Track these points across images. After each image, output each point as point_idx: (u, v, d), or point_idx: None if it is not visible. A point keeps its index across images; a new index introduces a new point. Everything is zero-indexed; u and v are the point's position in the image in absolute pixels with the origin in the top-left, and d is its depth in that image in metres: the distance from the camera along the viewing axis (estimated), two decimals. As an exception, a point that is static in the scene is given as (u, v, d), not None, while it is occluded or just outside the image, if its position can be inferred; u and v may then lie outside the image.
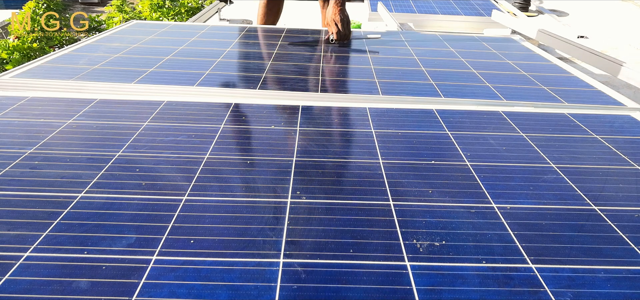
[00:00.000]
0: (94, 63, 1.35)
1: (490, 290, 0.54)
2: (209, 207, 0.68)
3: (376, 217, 0.67)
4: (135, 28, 1.85)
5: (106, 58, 1.41)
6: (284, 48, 1.63)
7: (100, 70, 1.29)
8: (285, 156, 0.85)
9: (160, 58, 1.42)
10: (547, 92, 1.26)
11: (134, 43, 1.59)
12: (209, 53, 1.51)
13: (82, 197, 0.70)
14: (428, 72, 1.41)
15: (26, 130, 0.92)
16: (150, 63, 1.36)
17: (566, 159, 0.88)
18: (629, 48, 2.62)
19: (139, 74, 1.26)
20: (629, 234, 0.65)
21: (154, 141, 0.89)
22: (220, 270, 0.56)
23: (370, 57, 1.56)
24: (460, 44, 1.82)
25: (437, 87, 1.26)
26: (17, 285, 0.52)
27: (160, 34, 1.76)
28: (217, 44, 1.63)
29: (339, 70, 1.43)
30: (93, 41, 1.62)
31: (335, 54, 1.59)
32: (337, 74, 1.38)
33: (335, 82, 1.29)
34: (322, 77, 1.31)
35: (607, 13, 3.97)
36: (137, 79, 1.21)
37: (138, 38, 1.67)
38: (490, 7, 3.44)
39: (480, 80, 1.34)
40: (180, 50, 1.52)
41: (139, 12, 5.05)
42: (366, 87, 1.23)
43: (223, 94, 1.17)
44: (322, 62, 1.47)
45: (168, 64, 1.37)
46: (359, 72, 1.40)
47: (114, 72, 1.27)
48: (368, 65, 1.47)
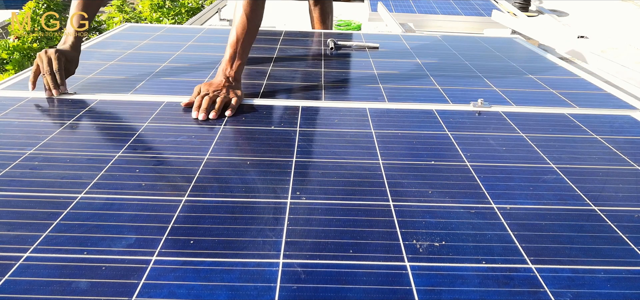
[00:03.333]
0: (89, 72, 1.30)
1: (490, 290, 0.54)
2: (209, 208, 0.68)
3: (376, 217, 0.67)
4: (130, 31, 1.81)
5: (101, 66, 1.36)
6: (284, 51, 1.62)
7: (95, 80, 1.23)
8: (285, 156, 0.85)
9: (157, 65, 1.38)
10: (557, 96, 1.26)
11: (129, 48, 1.55)
12: (207, 59, 1.47)
13: (82, 197, 0.70)
14: (433, 76, 1.40)
15: (26, 131, 0.92)
16: (146, 71, 1.32)
17: (566, 159, 0.88)
18: (629, 48, 2.62)
19: (136, 83, 1.22)
20: (628, 234, 0.65)
21: (154, 141, 0.89)
22: (219, 270, 0.56)
23: (372, 61, 1.55)
24: (462, 45, 1.82)
25: (444, 92, 1.26)
26: (16, 285, 0.52)
27: (155, 37, 1.72)
28: (214, 49, 1.60)
29: (342, 76, 1.42)
30: (86, 47, 1.55)
31: (337, 60, 1.59)
32: (339, 80, 1.37)
33: (337, 88, 1.28)
34: (325, 82, 1.30)
35: (607, 13, 3.97)
36: (134, 89, 1.17)
37: (133, 43, 1.63)
38: (490, 7, 3.44)
39: (487, 84, 1.34)
40: (177, 56, 1.49)
41: (139, 12, 5.05)
42: (371, 94, 1.21)
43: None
44: (323, 67, 1.46)
45: (165, 71, 1.33)
46: (361, 78, 1.40)
47: (109, 82, 1.22)
48: (371, 70, 1.47)
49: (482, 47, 1.79)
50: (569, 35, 2.47)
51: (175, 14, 4.70)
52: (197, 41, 1.70)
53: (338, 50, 1.66)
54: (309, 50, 1.67)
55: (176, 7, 4.78)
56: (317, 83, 1.29)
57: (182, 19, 4.67)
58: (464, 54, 1.67)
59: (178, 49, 1.58)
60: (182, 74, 1.32)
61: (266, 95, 1.18)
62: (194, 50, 1.58)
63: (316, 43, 1.77)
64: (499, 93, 1.24)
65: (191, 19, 3.00)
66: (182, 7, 4.79)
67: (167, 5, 4.74)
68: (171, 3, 4.80)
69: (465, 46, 1.79)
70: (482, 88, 1.28)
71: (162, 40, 1.69)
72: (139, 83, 1.22)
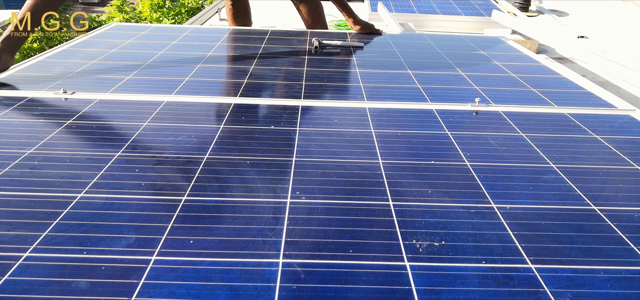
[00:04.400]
0: (70, 70, 1.29)
1: (489, 290, 0.54)
2: (209, 207, 0.68)
3: (376, 217, 0.67)
4: (115, 31, 1.80)
5: (82, 65, 1.35)
6: (268, 51, 1.60)
7: (75, 78, 1.22)
8: (285, 156, 0.85)
9: (139, 64, 1.37)
10: (537, 94, 1.26)
11: (113, 48, 1.55)
12: (189, 58, 1.46)
13: (82, 197, 0.70)
14: (414, 75, 1.40)
15: (26, 130, 0.92)
16: (128, 69, 1.31)
17: (566, 159, 0.88)
18: (629, 48, 2.62)
19: (116, 81, 1.21)
20: (628, 234, 0.65)
21: (154, 141, 0.89)
22: (219, 270, 0.56)
23: (355, 60, 1.54)
24: (447, 43, 1.81)
25: (424, 92, 1.25)
26: (16, 285, 0.52)
27: (140, 37, 1.71)
28: (198, 48, 1.59)
29: (323, 74, 1.41)
30: (69, 46, 1.55)
31: (319, 58, 1.58)
32: (320, 78, 1.37)
33: (317, 87, 1.27)
34: (307, 81, 1.29)
35: (607, 13, 3.97)
36: (113, 88, 1.16)
37: (117, 43, 1.62)
38: (490, 7, 3.44)
39: (468, 83, 1.34)
40: (160, 55, 1.47)
41: (139, 12, 5.05)
42: (351, 93, 1.21)
43: (222, 94, 1.16)
44: (305, 66, 1.44)
45: (145, 71, 1.32)
46: (342, 77, 1.39)
47: (89, 81, 1.21)
48: (354, 69, 1.47)
49: (468, 46, 1.79)
50: (569, 35, 2.47)
51: (175, 14, 4.70)
52: (182, 40, 1.69)
53: (323, 50, 1.66)
54: (294, 49, 1.66)
55: (176, 7, 4.77)
56: (299, 81, 1.28)
57: (182, 19, 4.67)
58: (448, 52, 1.66)
59: (163, 48, 1.57)
60: (164, 73, 1.32)
61: (246, 94, 1.17)
62: (178, 49, 1.57)
63: (301, 42, 1.76)
64: (479, 91, 1.24)
65: (191, 19, 3.00)
66: (182, 7, 4.79)
67: (167, 5, 4.74)
68: (171, 3, 4.80)
69: (451, 45, 1.78)
70: (463, 86, 1.28)
71: (147, 40, 1.68)
72: (120, 81, 1.22)
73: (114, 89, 1.16)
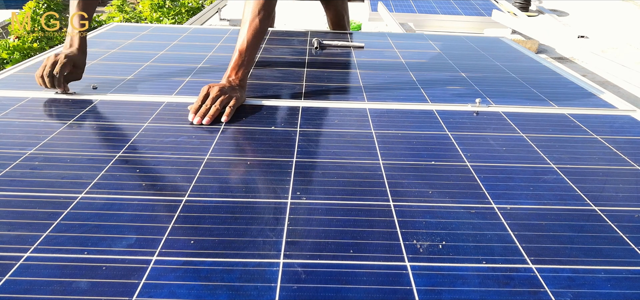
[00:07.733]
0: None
1: (490, 290, 0.54)
2: (209, 207, 0.68)
3: (376, 217, 0.67)
4: (115, 31, 1.79)
5: None
6: (268, 51, 1.60)
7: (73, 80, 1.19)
8: (286, 156, 0.85)
9: (139, 64, 1.37)
10: (537, 94, 1.26)
11: (113, 48, 1.55)
12: (189, 58, 1.46)
13: (83, 197, 0.70)
14: (414, 75, 1.40)
15: (26, 131, 0.92)
16: (128, 70, 1.31)
17: (566, 159, 0.88)
18: (629, 48, 2.62)
19: (116, 82, 1.21)
20: (629, 234, 0.65)
21: (154, 142, 0.89)
22: (220, 270, 0.56)
23: (356, 60, 1.54)
24: (448, 44, 1.81)
25: (424, 92, 1.26)
26: (17, 285, 0.52)
27: (140, 37, 1.71)
28: (198, 48, 1.58)
29: (324, 75, 1.42)
30: None
31: (320, 59, 1.58)
32: (321, 79, 1.37)
33: (318, 87, 1.27)
34: (307, 82, 1.29)
35: (607, 13, 3.97)
36: (114, 89, 1.16)
37: (117, 43, 1.61)
38: (490, 7, 3.44)
39: (468, 83, 1.34)
40: (161, 56, 1.47)
41: (139, 12, 5.05)
42: (351, 93, 1.21)
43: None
44: (306, 66, 1.44)
45: (146, 71, 1.31)
46: (342, 77, 1.40)
47: (89, 81, 1.20)
48: (354, 69, 1.47)
49: (468, 46, 1.79)
50: (569, 35, 2.47)
51: (175, 14, 4.70)
52: (183, 40, 1.69)
53: (323, 50, 1.66)
54: (294, 49, 1.66)
55: (176, 7, 4.77)
56: (299, 82, 1.28)
57: (182, 19, 4.67)
58: (448, 53, 1.66)
59: (163, 48, 1.57)
60: (164, 74, 1.32)
61: (246, 94, 1.17)
62: (178, 50, 1.56)
63: (301, 43, 1.76)
64: (480, 92, 1.24)
65: (191, 19, 3.00)
66: (182, 7, 4.79)
67: (167, 5, 4.74)
68: (171, 3, 4.80)
69: (451, 45, 1.78)
70: (464, 86, 1.28)
71: (148, 40, 1.68)
72: (120, 83, 1.21)
73: (115, 90, 1.17)
